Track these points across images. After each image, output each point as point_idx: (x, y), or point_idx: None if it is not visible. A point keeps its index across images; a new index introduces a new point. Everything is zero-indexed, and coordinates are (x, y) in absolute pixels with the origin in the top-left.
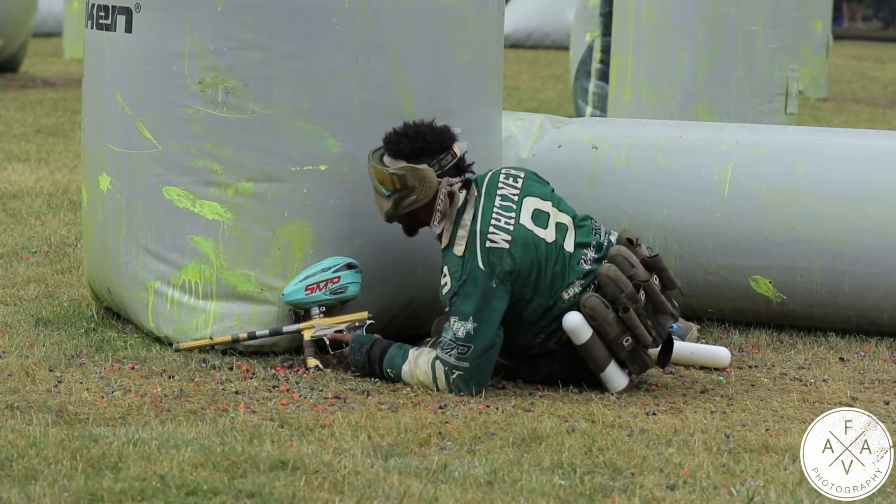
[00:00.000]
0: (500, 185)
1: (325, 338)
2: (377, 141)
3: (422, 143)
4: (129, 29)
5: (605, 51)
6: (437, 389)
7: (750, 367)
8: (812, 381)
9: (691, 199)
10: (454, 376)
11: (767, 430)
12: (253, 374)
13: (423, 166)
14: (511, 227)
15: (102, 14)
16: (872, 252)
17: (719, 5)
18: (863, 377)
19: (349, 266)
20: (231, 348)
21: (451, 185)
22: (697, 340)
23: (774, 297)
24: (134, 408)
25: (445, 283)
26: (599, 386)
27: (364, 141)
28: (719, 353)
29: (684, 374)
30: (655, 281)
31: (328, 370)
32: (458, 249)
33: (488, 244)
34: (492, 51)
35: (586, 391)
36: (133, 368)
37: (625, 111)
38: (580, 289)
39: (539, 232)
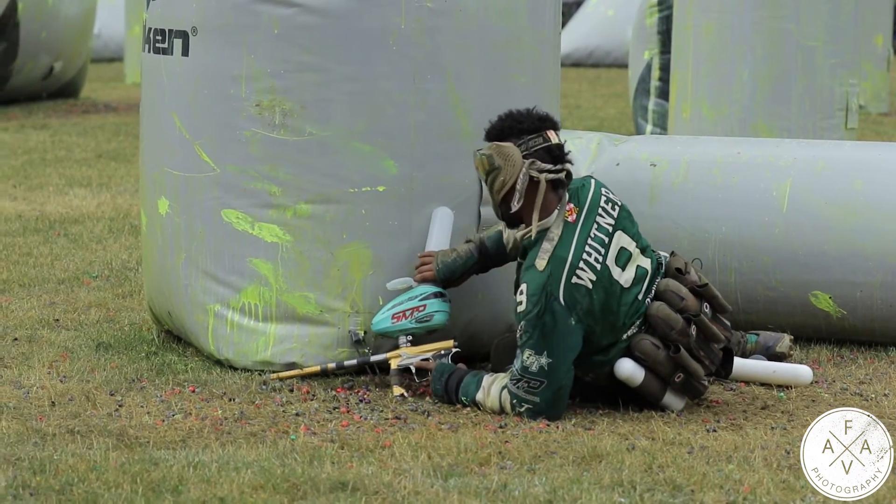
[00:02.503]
0: (600, 211)
1: (411, 366)
2: (434, 162)
3: (510, 122)
4: (185, 52)
5: (664, 68)
6: (511, 416)
7: (811, 382)
8: (873, 395)
9: (750, 215)
10: (522, 409)
11: None
12: (313, 395)
13: (508, 144)
14: (598, 267)
15: (159, 38)
16: None
17: (778, 21)
18: None
19: (437, 294)
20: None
21: (538, 170)
22: (789, 351)
23: (834, 312)
24: (194, 431)
25: (521, 302)
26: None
27: (421, 162)
28: (800, 372)
29: (745, 390)
30: (706, 308)
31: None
32: (540, 264)
33: (574, 279)
34: (549, 70)
35: (647, 409)
36: (193, 392)
37: (685, 128)
38: (636, 329)
39: (617, 274)
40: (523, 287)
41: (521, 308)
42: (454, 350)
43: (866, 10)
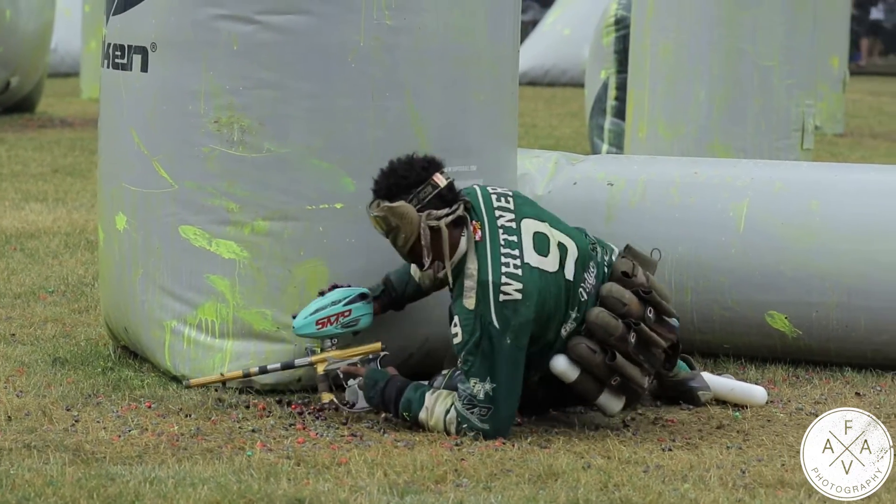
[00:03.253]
0: (497, 211)
1: (338, 371)
2: None
3: (395, 178)
4: (144, 68)
5: (621, 88)
6: (449, 435)
7: (766, 402)
8: None
9: (707, 235)
10: (472, 433)
11: (783, 464)
12: (270, 412)
13: (400, 203)
14: (520, 273)
15: (118, 53)
16: (888, 287)
17: (735, 42)
18: (878, 412)
19: (361, 297)
20: (248, 387)
21: (436, 218)
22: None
23: (790, 333)
24: (151, 446)
25: (456, 335)
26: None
27: None
28: (755, 392)
29: (700, 409)
30: (650, 312)
31: (345, 407)
32: (469, 303)
33: (502, 297)
34: (507, 88)
35: (602, 428)
36: (150, 407)
37: (641, 148)
38: (574, 325)
39: (543, 263)
40: (456, 319)
41: (457, 340)
42: (383, 354)
43: (823, 32)
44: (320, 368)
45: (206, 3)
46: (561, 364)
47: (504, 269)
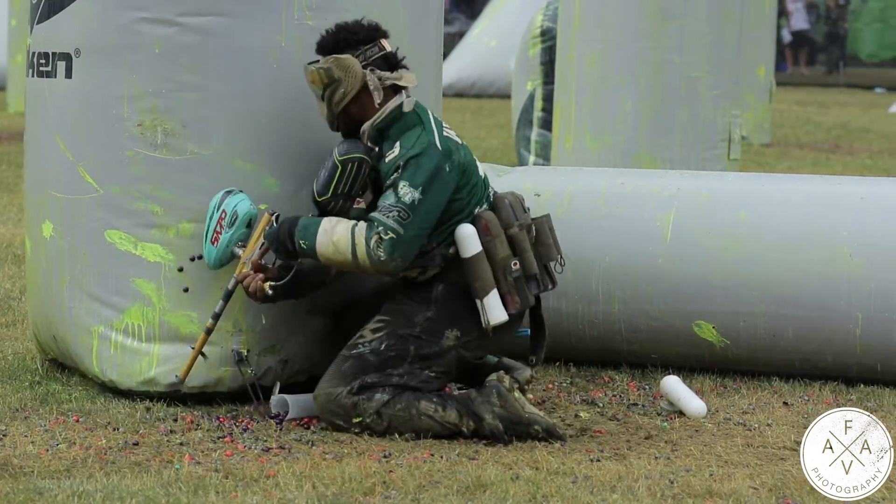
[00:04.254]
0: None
1: (261, 261)
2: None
3: (345, 34)
4: (69, 75)
5: (547, 99)
6: (354, 257)
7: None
8: (756, 425)
9: (634, 245)
10: (387, 238)
11: (711, 475)
12: (198, 425)
13: (346, 56)
14: (459, 140)
15: (43, 61)
16: (815, 296)
17: (662, 53)
18: (807, 421)
19: (226, 193)
20: (176, 400)
21: (381, 78)
22: (525, 385)
23: (718, 342)
24: (79, 460)
25: (394, 150)
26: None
27: (304, 180)
28: (694, 407)
29: (628, 420)
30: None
31: (272, 420)
32: (413, 133)
33: (445, 133)
34: (430, 93)
35: (530, 441)
36: (78, 421)
37: (568, 159)
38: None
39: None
40: (398, 143)
41: (394, 153)
42: (274, 216)
43: (749, 42)
44: (244, 268)
45: (129, 6)
46: (467, 228)
47: (446, 128)
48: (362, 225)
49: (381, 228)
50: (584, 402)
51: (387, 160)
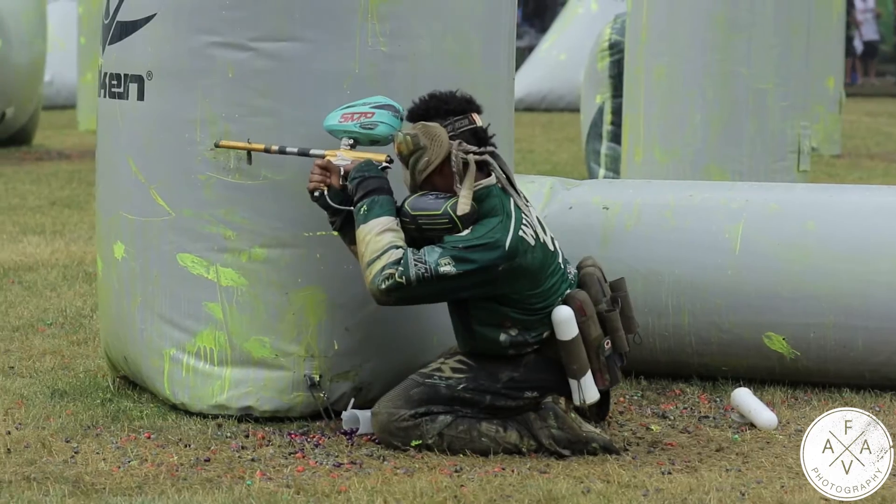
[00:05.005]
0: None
1: (341, 167)
2: None
3: (435, 102)
4: (141, 97)
5: (616, 112)
6: (367, 265)
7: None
8: None
9: (702, 257)
10: (400, 280)
11: (783, 486)
12: (269, 441)
13: (435, 124)
14: (531, 232)
15: (115, 83)
16: (885, 306)
17: (729, 65)
18: None
19: (390, 108)
20: (247, 416)
21: (465, 151)
22: None
23: (788, 354)
24: (150, 477)
25: (462, 231)
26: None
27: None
28: (765, 418)
29: (699, 432)
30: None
31: (343, 436)
32: (492, 220)
33: (521, 233)
34: (503, 114)
35: (601, 454)
36: (149, 438)
37: (638, 172)
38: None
39: (544, 237)
40: (472, 227)
41: (465, 233)
42: (385, 164)
43: (818, 53)
44: (331, 159)
45: (202, 31)
46: (565, 312)
47: (525, 216)
48: (396, 253)
49: (401, 269)
50: (655, 414)
51: (457, 234)
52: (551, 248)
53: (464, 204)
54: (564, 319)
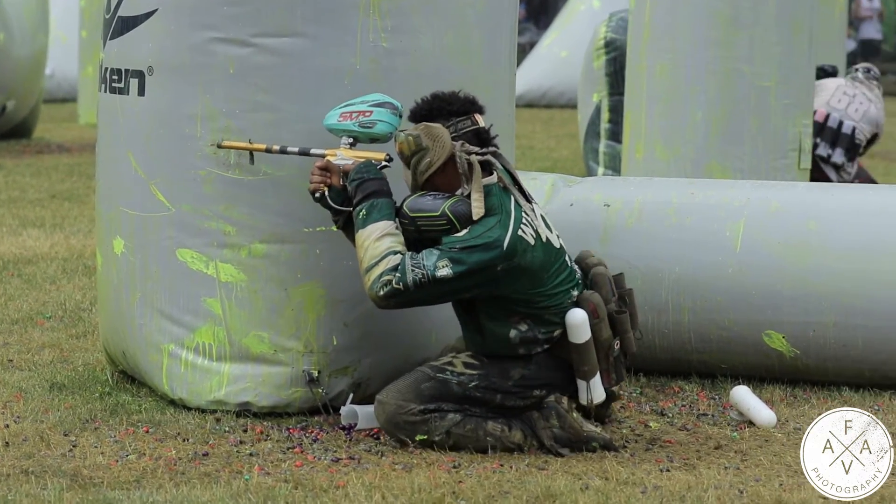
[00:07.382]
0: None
1: (340, 167)
2: None
3: (438, 103)
4: (141, 92)
5: (614, 110)
6: (366, 270)
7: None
8: None
9: (703, 255)
10: (397, 286)
11: (781, 484)
12: (267, 436)
13: (437, 125)
14: (532, 231)
15: (115, 78)
16: (885, 305)
17: (732, 62)
18: None
19: (388, 105)
20: (246, 411)
21: (468, 151)
22: None
23: (788, 352)
24: (148, 471)
25: (460, 231)
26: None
27: None
28: (764, 417)
29: (698, 430)
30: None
31: (342, 431)
32: (492, 220)
33: (520, 232)
34: (504, 110)
35: (600, 451)
36: (147, 432)
37: (638, 169)
38: (576, 293)
39: (547, 234)
40: (469, 227)
41: (462, 233)
42: (384, 163)
43: (820, 52)
44: (330, 159)
45: (203, 26)
46: (579, 315)
47: (524, 215)
48: (394, 259)
49: (398, 275)
50: (653, 412)
51: (454, 231)
52: (556, 245)
53: (477, 207)
54: (579, 323)
